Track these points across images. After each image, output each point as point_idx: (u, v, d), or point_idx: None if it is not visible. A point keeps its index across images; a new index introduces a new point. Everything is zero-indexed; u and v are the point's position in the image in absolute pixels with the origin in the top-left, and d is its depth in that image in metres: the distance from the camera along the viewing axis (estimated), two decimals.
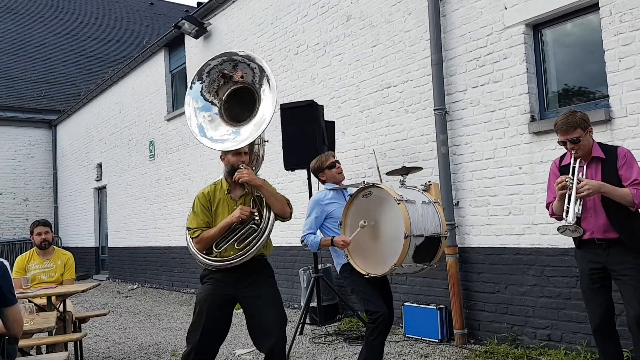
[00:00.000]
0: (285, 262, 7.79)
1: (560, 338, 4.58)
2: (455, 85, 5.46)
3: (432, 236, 3.65)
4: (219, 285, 3.38)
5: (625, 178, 3.20)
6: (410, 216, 3.51)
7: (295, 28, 7.61)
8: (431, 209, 3.74)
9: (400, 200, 3.55)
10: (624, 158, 3.25)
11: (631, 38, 4.13)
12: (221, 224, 3.33)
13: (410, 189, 3.89)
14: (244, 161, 3.39)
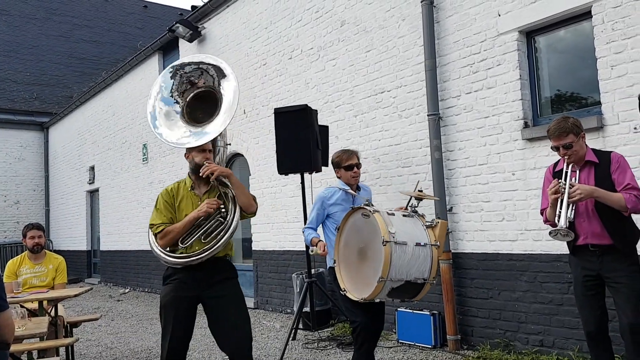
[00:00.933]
0: (278, 267, 7.78)
1: (552, 344, 4.60)
2: (449, 91, 5.48)
3: (414, 281, 3.44)
4: (182, 286, 3.32)
5: (619, 183, 3.22)
6: (393, 260, 3.32)
7: (289, 33, 7.62)
8: (425, 252, 3.47)
9: (388, 241, 3.32)
10: (618, 163, 3.28)
11: (623, 46, 4.17)
12: (187, 219, 3.30)
13: (414, 221, 3.59)
14: (208, 159, 3.40)
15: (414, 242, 3.44)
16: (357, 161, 4.05)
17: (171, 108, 3.57)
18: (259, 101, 8.20)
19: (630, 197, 3.16)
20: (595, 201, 3.23)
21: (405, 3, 5.91)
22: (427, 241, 3.47)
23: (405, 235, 3.44)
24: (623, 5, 4.14)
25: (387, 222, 3.42)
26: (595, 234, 3.27)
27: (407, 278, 3.42)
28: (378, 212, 3.47)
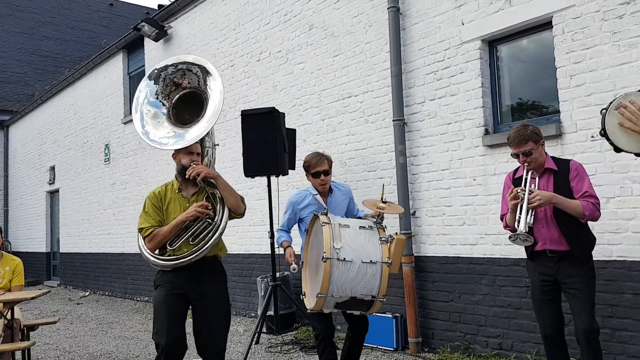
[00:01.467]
0: (243, 270, 7.72)
1: (511, 347, 4.70)
2: (413, 97, 5.56)
3: (361, 298, 3.35)
4: (172, 285, 3.33)
5: (577, 190, 3.31)
6: (334, 277, 3.27)
7: (257, 35, 7.60)
8: (374, 270, 3.34)
9: (329, 258, 3.26)
10: (576, 171, 3.37)
11: (582, 56, 4.30)
12: (175, 221, 3.30)
13: (370, 235, 3.47)
14: (195, 160, 3.39)
15: (361, 259, 3.34)
16: (326, 168, 3.94)
17: (159, 110, 3.59)
18: (226, 103, 8.10)
19: (588, 204, 3.24)
20: (553, 208, 3.31)
21: (372, 9, 5.97)
22: (378, 258, 3.34)
23: (353, 252, 3.35)
24: (582, 16, 4.28)
25: (335, 236, 3.35)
26: (553, 240, 3.35)
27: (353, 294, 3.34)
28: (328, 225, 3.40)
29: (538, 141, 3.38)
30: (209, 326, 3.34)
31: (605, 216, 3.91)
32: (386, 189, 5.63)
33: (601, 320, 4.04)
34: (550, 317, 3.44)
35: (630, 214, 3.99)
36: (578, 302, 3.28)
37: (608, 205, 4.04)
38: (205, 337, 3.34)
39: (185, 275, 3.32)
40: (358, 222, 3.57)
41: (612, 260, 4.08)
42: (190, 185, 3.45)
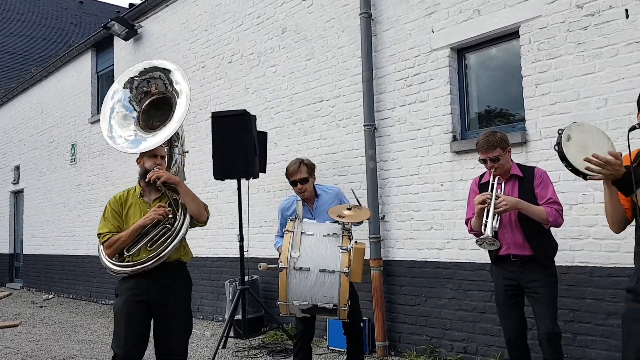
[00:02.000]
0: (211, 274, 7.65)
1: (475, 350, 4.77)
2: (384, 103, 5.61)
3: (323, 306, 3.38)
4: (132, 293, 3.24)
5: (541, 197, 3.39)
6: (290, 285, 3.35)
7: (229, 37, 7.56)
8: (332, 279, 3.35)
9: (284, 268, 3.34)
10: (541, 177, 3.45)
11: (548, 66, 4.41)
12: (133, 226, 3.23)
13: (332, 243, 3.48)
14: (159, 164, 3.34)
15: (318, 268, 3.36)
16: (302, 176, 3.94)
17: (129, 113, 3.55)
18: (197, 104, 8.05)
19: (552, 210, 3.33)
20: (518, 213, 3.38)
21: (345, 14, 6.01)
22: (337, 267, 3.35)
23: (310, 261, 3.38)
24: (548, 26, 4.39)
25: (294, 245, 3.41)
26: (517, 245, 3.42)
27: (314, 302, 3.38)
28: (290, 233, 3.46)
29: (505, 148, 3.45)
30: (170, 337, 3.27)
31: (568, 223, 4.01)
32: (357, 193, 5.67)
33: (563, 324, 4.14)
34: (514, 321, 3.51)
35: (592, 221, 4.10)
36: (541, 306, 3.35)
37: (571, 212, 4.14)
38: (166, 348, 3.27)
39: (146, 282, 3.23)
40: (324, 229, 3.56)
41: (574, 266, 4.18)
42: (152, 191, 3.38)
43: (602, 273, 4.04)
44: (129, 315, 3.19)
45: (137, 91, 3.57)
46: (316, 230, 3.54)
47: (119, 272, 3.27)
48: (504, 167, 3.46)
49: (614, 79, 4.01)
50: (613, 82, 4.01)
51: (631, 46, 3.93)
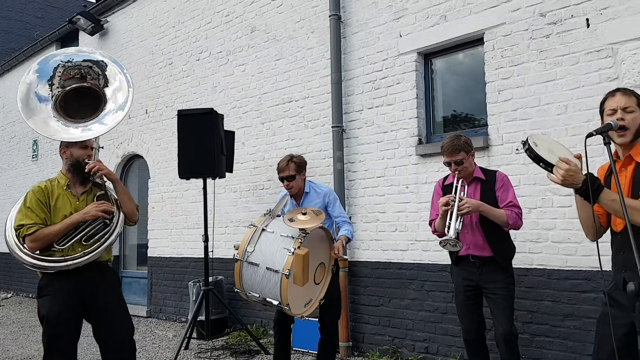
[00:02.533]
0: (174, 274, 7.53)
1: (436, 351, 4.83)
2: (352, 105, 5.64)
3: (271, 302, 3.48)
4: (64, 295, 3.06)
5: (502, 200, 3.48)
6: (243, 277, 3.52)
7: (198, 34, 7.48)
8: (276, 278, 3.44)
9: (238, 260, 3.52)
10: (502, 181, 3.55)
11: (510, 72, 4.51)
12: (69, 220, 3.07)
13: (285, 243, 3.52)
14: (90, 155, 3.23)
15: (266, 265, 3.47)
16: (289, 173, 3.96)
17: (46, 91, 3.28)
18: (163, 101, 7.95)
19: (512, 213, 3.42)
20: (479, 215, 3.46)
21: (314, 16, 6.02)
22: (280, 268, 3.43)
23: (261, 257, 3.49)
24: (512, 34, 4.49)
25: (252, 240, 3.53)
26: (478, 246, 3.50)
27: (263, 296, 3.50)
28: (252, 228, 3.59)
29: (469, 152, 3.54)
30: (117, 337, 3.16)
31: (527, 226, 4.11)
32: None
33: (521, 325, 4.24)
34: (473, 321, 3.58)
35: (550, 224, 4.20)
36: (498, 307, 3.43)
37: (530, 216, 4.24)
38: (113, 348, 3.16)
39: (77, 281, 3.08)
40: (285, 230, 3.59)
41: (533, 268, 4.28)
42: (78, 183, 3.25)
43: (560, 276, 4.15)
44: (63, 322, 3.04)
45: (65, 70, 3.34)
46: (277, 229, 3.60)
47: (44, 267, 3.05)
48: (468, 170, 3.54)
49: (574, 86, 4.13)
50: (573, 89, 4.13)
51: (591, 55, 4.05)
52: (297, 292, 3.53)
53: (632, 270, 2.30)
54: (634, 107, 2.39)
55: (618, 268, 2.43)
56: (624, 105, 2.39)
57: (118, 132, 8.71)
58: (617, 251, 2.43)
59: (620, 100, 2.41)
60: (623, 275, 2.36)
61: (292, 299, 3.45)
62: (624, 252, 2.37)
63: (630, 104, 2.40)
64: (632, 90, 2.48)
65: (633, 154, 2.40)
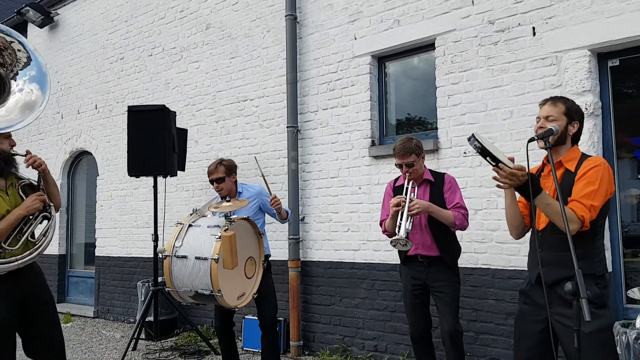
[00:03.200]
0: (123, 274, 7.36)
1: (385, 349, 4.91)
2: (307, 106, 5.66)
3: (202, 293, 3.53)
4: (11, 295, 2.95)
5: (450, 201, 3.60)
6: (173, 272, 3.56)
7: (151, 29, 7.34)
8: (205, 266, 3.50)
9: (167, 256, 3.57)
10: (450, 184, 3.67)
11: (460, 78, 4.64)
12: (12, 217, 2.95)
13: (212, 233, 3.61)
14: (14, 146, 3.11)
15: (194, 256, 3.54)
16: (219, 175, 4.09)
17: None
18: (113, 97, 7.75)
19: (459, 214, 3.54)
20: (428, 216, 3.56)
21: (270, 15, 6.01)
22: (209, 255, 3.50)
23: (189, 249, 3.57)
24: (462, 40, 4.62)
25: (180, 235, 3.61)
26: (426, 246, 3.59)
27: (195, 289, 3.54)
28: (179, 226, 3.69)
29: (420, 154, 3.63)
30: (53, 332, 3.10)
31: (473, 227, 4.24)
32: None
33: (466, 323, 4.36)
34: (419, 319, 3.68)
35: (495, 225, 4.35)
36: (444, 305, 3.54)
37: (476, 217, 4.37)
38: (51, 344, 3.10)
39: (18, 281, 2.97)
40: (211, 222, 3.73)
41: (478, 268, 4.42)
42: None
43: (503, 275, 4.30)
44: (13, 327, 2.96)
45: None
46: (204, 223, 3.72)
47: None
48: (418, 172, 3.64)
49: (519, 92, 4.29)
50: (518, 95, 4.29)
51: (536, 62, 4.22)
52: (228, 279, 3.58)
53: (548, 266, 2.46)
54: (556, 116, 2.54)
55: (534, 264, 2.57)
56: (547, 115, 2.56)
57: (66, 128, 8.44)
58: (536, 248, 2.56)
59: (545, 110, 2.59)
60: (539, 270, 2.49)
61: (223, 285, 3.51)
62: (543, 249, 2.51)
63: (553, 113, 2.55)
64: (564, 99, 2.60)
65: (564, 160, 2.54)
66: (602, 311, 2.39)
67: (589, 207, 2.35)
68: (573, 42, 4.03)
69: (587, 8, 3.99)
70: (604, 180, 2.40)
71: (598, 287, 2.41)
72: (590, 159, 2.49)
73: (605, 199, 2.43)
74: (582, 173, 2.43)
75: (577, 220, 2.34)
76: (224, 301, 3.54)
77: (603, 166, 2.43)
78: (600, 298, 2.39)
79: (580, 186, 2.41)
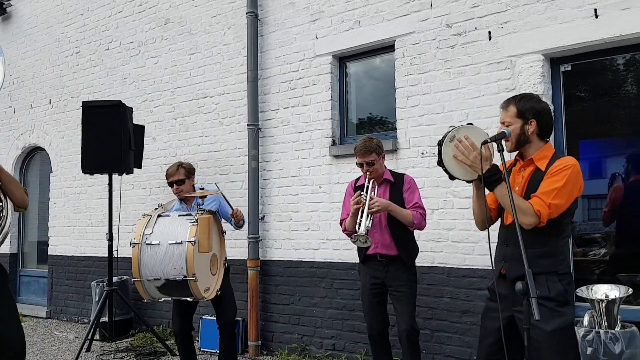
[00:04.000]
0: (77, 274, 7.17)
1: (343, 347, 4.94)
2: (268, 104, 5.63)
3: (174, 279, 3.54)
4: None
5: (408, 201, 3.66)
6: (142, 260, 3.56)
7: (108, 23, 7.15)
8: (180, 250, 3.55)
9: (136, 244, 3.57)
10: (409, 184, 3.74)
11: (418, 80, 4.70)
12: None
13: (184, 220, 3.71)
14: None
15: (167, 241, 3.59)
16: (178, 178, 4.14)
17: None
18: (68, 92, 7.52)
19: (417, 214, 3.60)
20: (387, 215, 3.61)
21: (231, 11, 5.95)
22: (184, 239, 3.58)
23: (161, 236, 3.62)
24: (420, 43, 4.68)
25: (149, 224, 3.65)
26: (385, 245, 3.64)
27: (166, 276, 3.56)
28: (147, 217, 3.71)
29: (380, 154, 3.69)
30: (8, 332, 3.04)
31: (430, 226, 4.31)
32: (237, 192, 5.66)
33: (422, 321, 4.43)
34: (377, 318, 3.72)
35: (450, 225, 4.44)
36: (401, 304, 3.59)
37: (433, 216, 4.44)
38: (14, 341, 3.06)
39: None
40: (182, 212, 3.87)
41: (434, 267, 4.49)
42: None
43: (458, 274, 4.39)
44: None
45: None
46: (173, 213, 3.79)
47: None
48: (378, 171, 3.68)
49: (475, 95, 4.38)
50: (474, 98, 4.38)
51: (491, 66, 4.32)
52: (200, 267, 3.61)
53: (510, 262, 2.51)
54: (510, 120, 2.57)
55: (499, 258, 2.63)
56: (502, 121, 2.61)
57: (19, 123, 8.14)
58: (502, 243, 2.63)
59: (501, 116, 2.64)
60: (502, 265, 2.56)
61: (198, 270, 3.55)
62: (508, 244, 2.56)
63: (507, 118, 2.59)
64: (515, 100, 2.60)
65: (535, 158, 2.56)
66: (565, 309, 2.42)
67: (548, 204, 2.38)
68: (527, 47, 4.15)
69: (542, 14, 4.11)
70: (571, 180, 2.42)
71: (562, 284, 2.44)
72: (561, 159, 2.49)
73: (571, 199, 2.45)
74: (551, 172, 2.46)
75: (533, 214, 2.38)
76: (196, 287, 3.55)
77: (573, 167, 2.44)
78: (563, 295, 2.42)
79: (546, 183, 2.43)
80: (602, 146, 4.56)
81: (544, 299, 2.37)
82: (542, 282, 2.42)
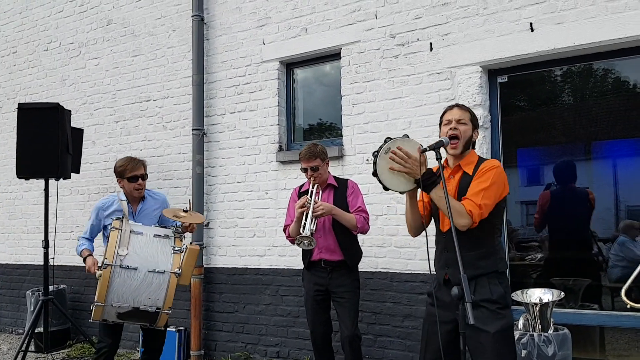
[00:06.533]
0: (11, 282, 6.85)
1: (287, 354, 4.92)
2: (214, 109, 5.57)
3: (145, 309, 3.32)
4: None
5: (352, 205, 3.73)
6: (113, 284, 3.23)
7: (47, 22, 6.89)
8: (160, 280, 3.33)
9: (109, 265, 3.24)
10: (353, 188, 3.81)
11: (363, 88, 4.76)
12: None
13: (163, 243, 3.48)
14: None
15: (147, 268, 3.31)
16: (144, 172, 3.89)
17: None
18: (4, 93, 7.19)
19: (360, 217, 3.67)
20: (332, 219, 3.65)
21: (176, 14, 5.85)
22: (167, 268, 3.33)
23: (139, 259, 3.31)
24: (365, 52, 4.75)
25: (122, 243, 3.29)
26: (329, 249, 3.68)
27: (135, 305, 3.29)
28: (117, 231, 3.33)
29: (325, 159, 3.74)
30: None
31: (374, 231, 4.37)
32: (181, 199, 5.55)
33: (366, 326, 4.48)
34: (321, 324, 3.75)
35: (394, 231, 4.51)
36: (344, 310, 3.63)
37: (377, 222, 4.51)
38: None
39: None
40: (154, 230, 3.52)
41: (378, 272, 4.56)
42: None
43: (401, 278, 4.46)
44: None
45: None
46: (146, 231, 3.47)
47: None
48: (322, 176, 3.74)
49: (417, 104, 4.48)
50: (416, 107, 4.48)
51: (433, 76, 4.43)
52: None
53: (454, 268, 2.56)
54: (466, 121, 2.68)
55: (441, 265, 2.69)
56: (458, 118, 2.67)
57: None
58: (442, 250, 2.69)
59: (456, 114, 2.70)
60: (445, 271, 2.62)
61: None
62: (448, 251, 2.62)
63: (463, 117, 2.68)
64: (469, 108, 2.76)
65: (462, 164, 2.67)
66: (506, 311, 2.52)
67: (478, 204, 2.47)
68: (466, 59, 4.28)
69: (480, 27, 4.25)
70: (496, 180, 2.53)
71: (502, 286, 2.54)
72: (486, 162, 2.64)
73: (498, 198, 2.56)
74: (478, 175, 2.57)
75: (465, 215, 2.46)
76: (165, 318, 3.35)
77: (497, 168, 2.58)
78: (503, 298, 2.52)
79: (474, 185, 2.54)
80: (539, 154, 4.76)
81: (486, 302, 2.47)
82: (484, 284, 2.51)
